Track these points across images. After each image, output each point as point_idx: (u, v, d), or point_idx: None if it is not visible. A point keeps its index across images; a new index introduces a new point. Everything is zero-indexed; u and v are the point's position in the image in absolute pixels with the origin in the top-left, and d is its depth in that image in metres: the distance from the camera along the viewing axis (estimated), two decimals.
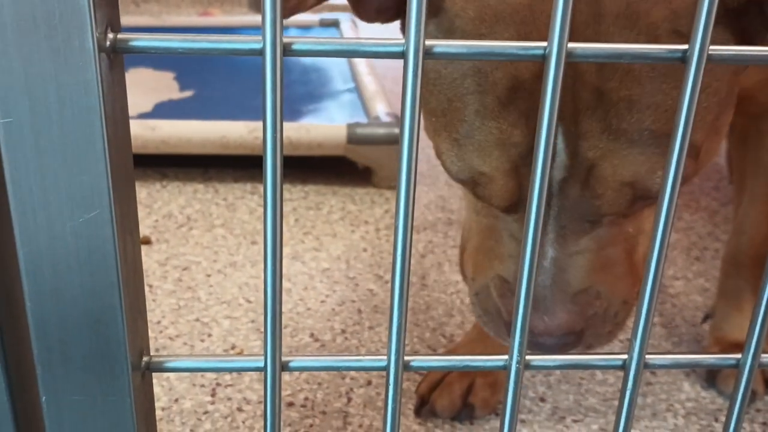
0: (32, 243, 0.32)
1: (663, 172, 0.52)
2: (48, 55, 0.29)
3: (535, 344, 0.56)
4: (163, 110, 1.40)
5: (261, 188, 1.27)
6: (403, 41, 0.31)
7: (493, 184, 0.53)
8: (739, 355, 0.40)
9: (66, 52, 0.29)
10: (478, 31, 0.51)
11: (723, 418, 0.81)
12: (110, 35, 0.30)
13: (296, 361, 0.37)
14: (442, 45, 0.32)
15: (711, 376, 0.87)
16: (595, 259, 0.55)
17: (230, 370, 0.38)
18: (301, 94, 1.50)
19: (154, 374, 0.39)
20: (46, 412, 0.36)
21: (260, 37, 0.30)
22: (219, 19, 2.10)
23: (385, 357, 0.37)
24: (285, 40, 0.31)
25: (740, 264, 0.86)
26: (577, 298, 0.55)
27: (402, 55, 0.31)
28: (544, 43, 0.32)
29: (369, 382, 0.85)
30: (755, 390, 0.84)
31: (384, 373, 0.37)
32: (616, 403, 0.61)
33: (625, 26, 0.49)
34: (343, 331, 0.94)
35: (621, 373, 0.39)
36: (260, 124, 0.32)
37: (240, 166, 1.35)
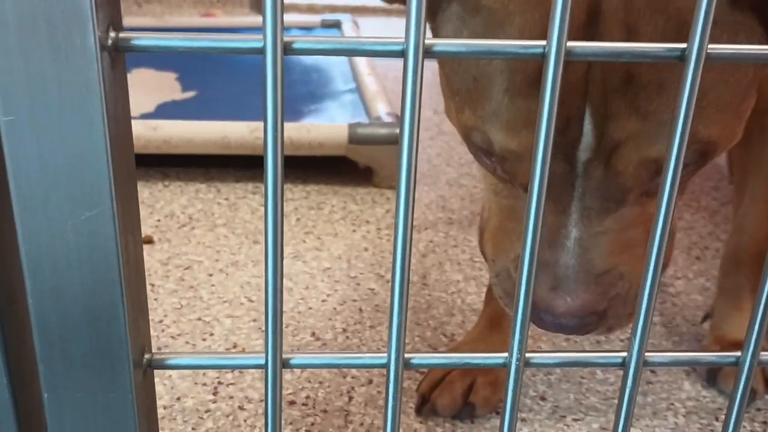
0: (34, 240, 0.33)
1: (691, 148, 0.51)
2: (50, 54, 0.29)
3: (557, 325, 0.55)
4: (166, 111, 1.40)
5: (263, 188, 1.27)
6: (402, 40, 0.31)
7: (521, 162, 0.53)
8: (738, 353, 0.40)
9: (68, 50, 0.29)
10: (506, 8, 0.50)
11: (723, 417, 0.81)
12: (112, 34, 0.31)
13: (297, 359, 0.38)
14: (442, 44, 0.32)
15: (711, 375, 0.87)
16: (619, 239, 0.54)
17: (231, 368, 0.39)
18: (303, 94, 1.50)
19: (155, 373, 0.39)
20: (48, 409, 0.36)
21: (261, 36, 0.30)
22: (221, 20, 2.10)
23: (385, 354, 0.37)
24: (285, 38, 0.31)
25: (740, 262, 0.86)
26: (601, 278, 0.54)
27: (402, 53, 0.32)
28: (543, 42, 0.32)
29: (370, 381, 0.85)
30: (755, 389, 0.84)
31: (385, 371, 0.38)
32: (616, 401, 0.61)
33: (656, 10, 0.48)
34: (345, 330, 0.94)
35: (621, 372, 0.39)
36: (261, 124, 0.32)
37: (242, 166, 1.35)
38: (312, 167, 1.34)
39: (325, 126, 1.31)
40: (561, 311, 0.54)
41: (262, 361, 0.36)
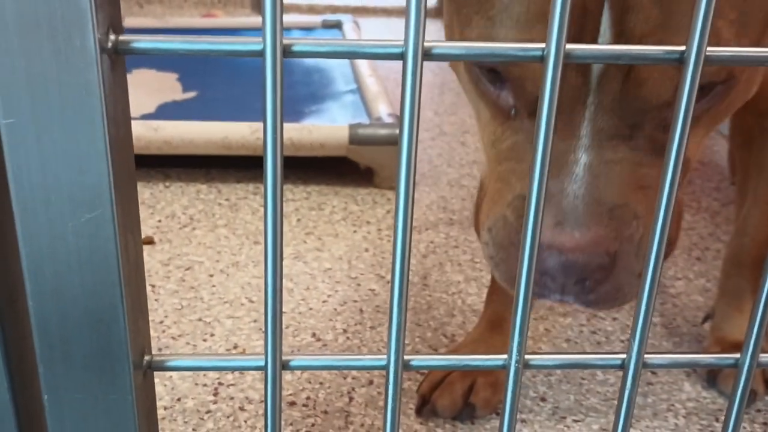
0: (34, 242, 0.33)
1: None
2: (50, 56, 0.29)
3: (563, 266, 0.48)
4: (166, 111, 1.41)
5: (263, 189, 1.27)
6: (402, 43, 0.31)
7: (530, 65, 0.48)
8: (738, 355, 0.40)
9: (68, 53, 0.29)
10: None
11: (723, 418, 0.81)
12: (112, 36, 0.31)
13: (297, 360, 0.38)
14: (441, 46, 0.32)
15: (712, 377, 0.87)
16: (634, 173, 0.49)
17: (231, 369, 0.39)
18: (304, 95, 1.50)
19: (156, 374, 0.40)
20: (48, 411, 0.36)
21: (261, 39, 0.30)
22: (222, 20, 2.11)
23: (385, 356, 0.37)
24: (285, 41, 0.31)
25: (742, 264, 0.86)
26: (613, 213, 0.48)
27: (401, 56, 0.32)
28: (542, 45, 0.32)
29: (371, 382, 0.85)
30: (755, 390, 0.84)
31: (385, 372, 0.38)
32: (616, 402, 0.61)
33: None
34: (345, 331, 0.94)
35: (621, 373, 0.40)
36: (262, 125, 0.32)
37: (242, 166, 1.35)
38: (313, 168, 1.34)
39: (326, 127, 1.31)
40: (568, 247, 0.47)
41: (262, 363, 0.37)
